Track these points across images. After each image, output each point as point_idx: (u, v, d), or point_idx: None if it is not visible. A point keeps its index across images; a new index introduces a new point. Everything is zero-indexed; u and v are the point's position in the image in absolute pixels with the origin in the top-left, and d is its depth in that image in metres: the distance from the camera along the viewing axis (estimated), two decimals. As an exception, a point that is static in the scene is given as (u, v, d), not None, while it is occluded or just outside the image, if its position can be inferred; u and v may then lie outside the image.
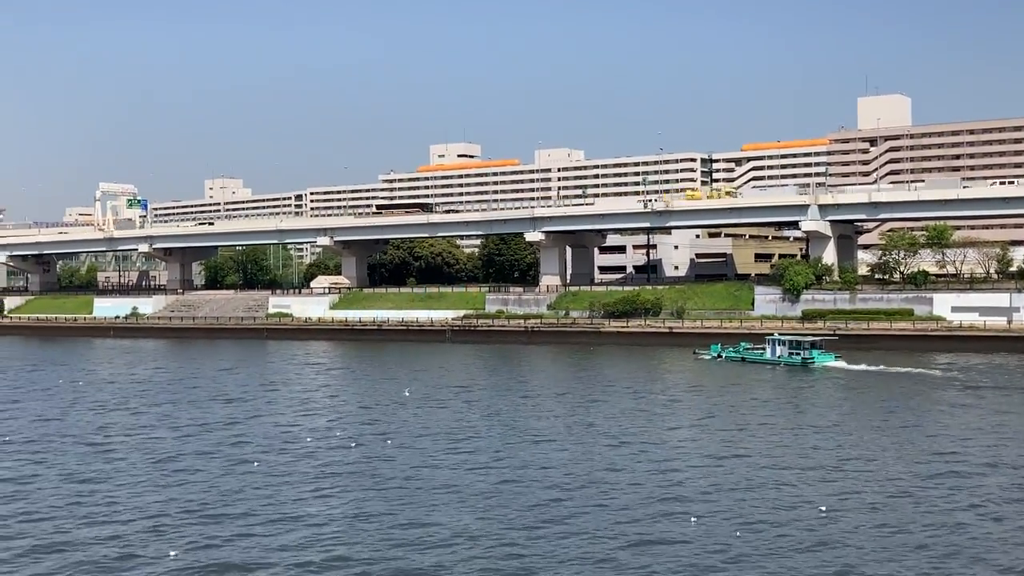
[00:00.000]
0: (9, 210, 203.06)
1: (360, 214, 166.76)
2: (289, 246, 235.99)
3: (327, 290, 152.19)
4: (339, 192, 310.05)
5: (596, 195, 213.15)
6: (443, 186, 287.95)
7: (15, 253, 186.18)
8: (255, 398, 72.12)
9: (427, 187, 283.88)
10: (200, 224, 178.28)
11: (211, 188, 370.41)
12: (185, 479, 45.24)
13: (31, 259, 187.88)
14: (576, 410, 62.49)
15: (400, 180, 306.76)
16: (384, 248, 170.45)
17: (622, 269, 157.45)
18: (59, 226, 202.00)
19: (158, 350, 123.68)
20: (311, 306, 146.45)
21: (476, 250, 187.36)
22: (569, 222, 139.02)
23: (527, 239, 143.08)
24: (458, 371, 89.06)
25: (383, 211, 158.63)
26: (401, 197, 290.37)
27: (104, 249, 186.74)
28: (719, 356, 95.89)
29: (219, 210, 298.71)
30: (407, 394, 70.33)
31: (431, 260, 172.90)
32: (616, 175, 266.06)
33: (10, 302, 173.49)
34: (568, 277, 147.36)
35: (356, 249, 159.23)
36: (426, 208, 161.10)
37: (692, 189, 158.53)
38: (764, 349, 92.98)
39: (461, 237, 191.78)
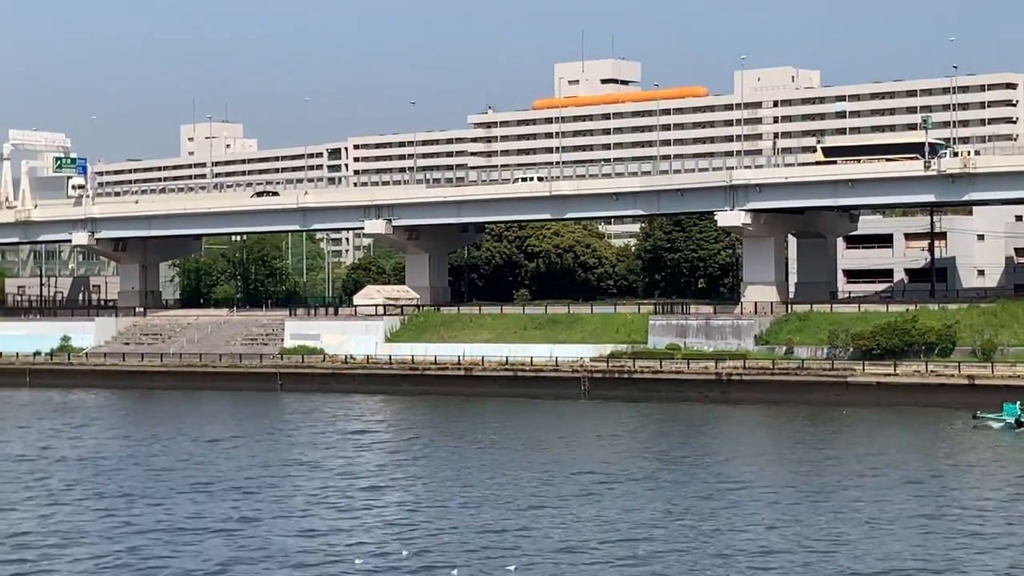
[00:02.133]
0: None
1: (435, 182, 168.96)
2: (319, 236, 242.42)
3: (382, 310, 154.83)
4: (401, 145, 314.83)
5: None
6: (575, 132, 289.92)
7: None
8: (266, 486, 73.94)
9: (548, 134, 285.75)
10: (174, 199, 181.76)
11: (191, 139, 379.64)
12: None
13: None
14: (818, 541, 59.39)
15: (504, 123, 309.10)
16: (477, 240, 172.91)
17: (885, 274, 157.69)
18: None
19: (103, 407, 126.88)
20: (355, 336, 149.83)
21: (632, 242, 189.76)
22: (794, 193, 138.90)
23: (720, 223, 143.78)
24: (599, 448, 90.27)
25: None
26: (505, 152, 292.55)
27: (16, 240, 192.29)
28: (1020, 423, 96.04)
29: (205, 176, 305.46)
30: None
31: (556, 259, 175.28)
32: (875, 112, 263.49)
33: None
34: (791, 288, 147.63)
35: (430, 240, 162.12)
36: (920, 151, 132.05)
37: (1010, 136, 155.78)
38: None
39: (607, 220, 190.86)
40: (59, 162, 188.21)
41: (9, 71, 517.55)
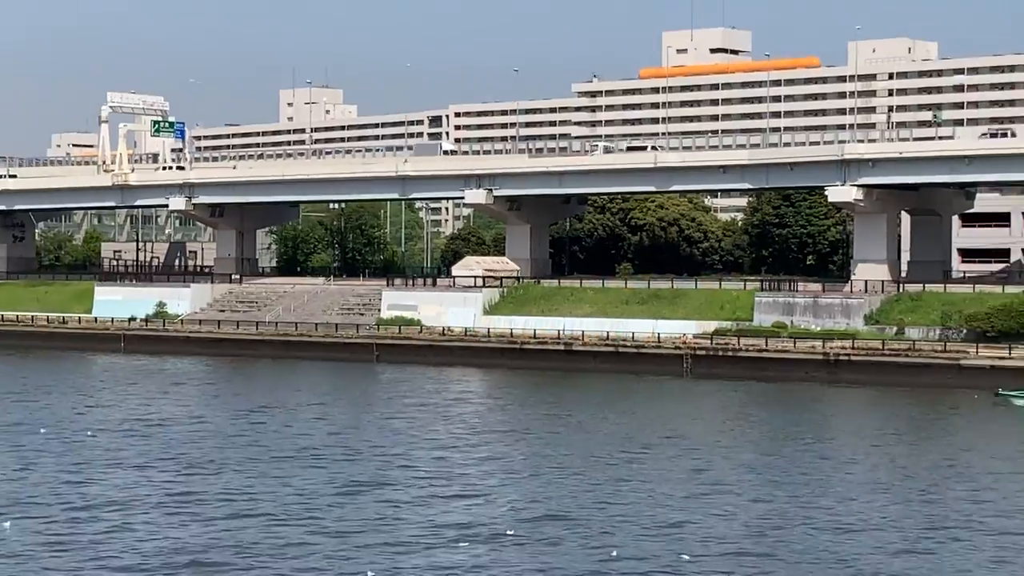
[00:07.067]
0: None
1: (538, 152, 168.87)
2: (418, 205, 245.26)
3: (481, 281, 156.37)
4: (504, 113, 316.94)
5: (957, 122, 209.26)
6: (683, 103, 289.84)
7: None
8: (372, 457, 76.04)
9: (653, 104, 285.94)
10: (271, 165, 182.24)
11: (290, 105, 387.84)
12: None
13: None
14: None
15: (609, 92, 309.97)
16: (579, 212, 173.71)
17: (1002, 254, 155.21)
18: (39, 164, 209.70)
19: (198, 374, 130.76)
20: (453, 307, 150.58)
21: (740, 216, 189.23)
22: (909, 169, 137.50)
23: (831, 199, 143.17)
24: (700, 431, 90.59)
25: None
26: (609, 122, 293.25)
27: (113, 205, 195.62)
28: None
29: (303, 142, 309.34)
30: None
31: (660, 233, 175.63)
32: (996, 86, 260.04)
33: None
34: (903, 267, 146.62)
35: (532, 211, 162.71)
36: None
37: None
38: None
39: (713, 194, 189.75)
40: (157, 126, 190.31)
41: (109, 33, 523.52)
